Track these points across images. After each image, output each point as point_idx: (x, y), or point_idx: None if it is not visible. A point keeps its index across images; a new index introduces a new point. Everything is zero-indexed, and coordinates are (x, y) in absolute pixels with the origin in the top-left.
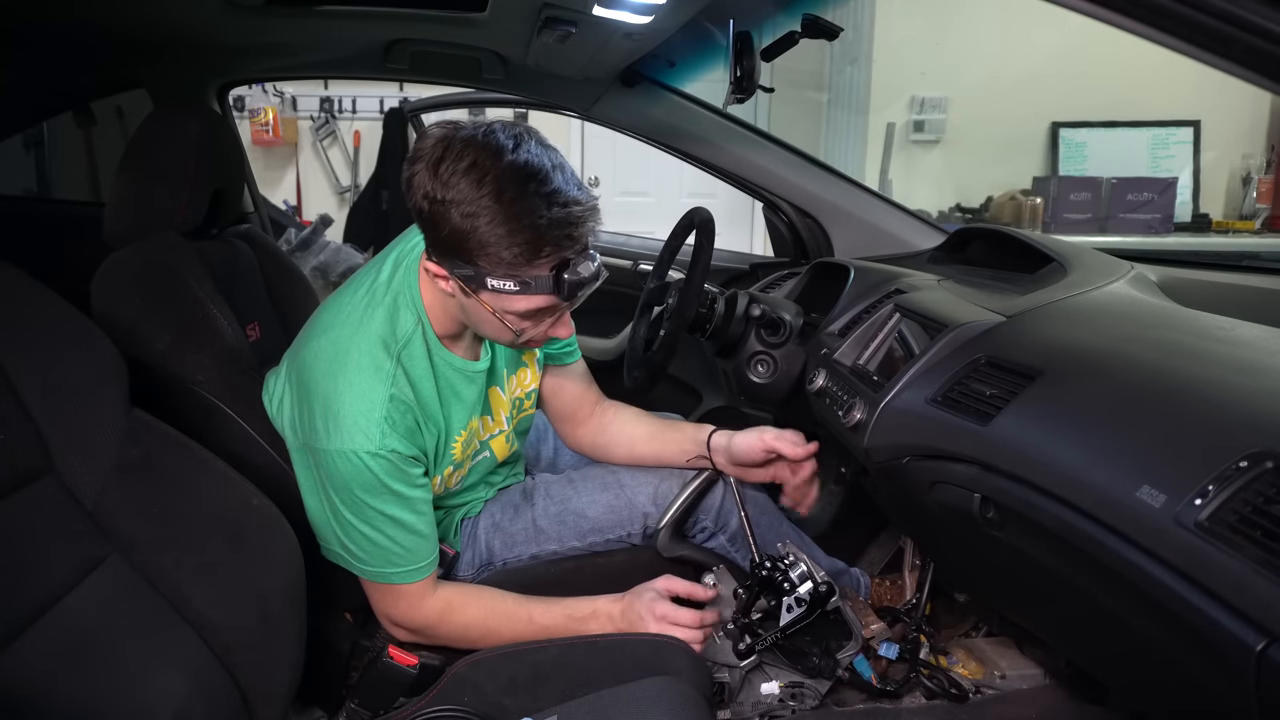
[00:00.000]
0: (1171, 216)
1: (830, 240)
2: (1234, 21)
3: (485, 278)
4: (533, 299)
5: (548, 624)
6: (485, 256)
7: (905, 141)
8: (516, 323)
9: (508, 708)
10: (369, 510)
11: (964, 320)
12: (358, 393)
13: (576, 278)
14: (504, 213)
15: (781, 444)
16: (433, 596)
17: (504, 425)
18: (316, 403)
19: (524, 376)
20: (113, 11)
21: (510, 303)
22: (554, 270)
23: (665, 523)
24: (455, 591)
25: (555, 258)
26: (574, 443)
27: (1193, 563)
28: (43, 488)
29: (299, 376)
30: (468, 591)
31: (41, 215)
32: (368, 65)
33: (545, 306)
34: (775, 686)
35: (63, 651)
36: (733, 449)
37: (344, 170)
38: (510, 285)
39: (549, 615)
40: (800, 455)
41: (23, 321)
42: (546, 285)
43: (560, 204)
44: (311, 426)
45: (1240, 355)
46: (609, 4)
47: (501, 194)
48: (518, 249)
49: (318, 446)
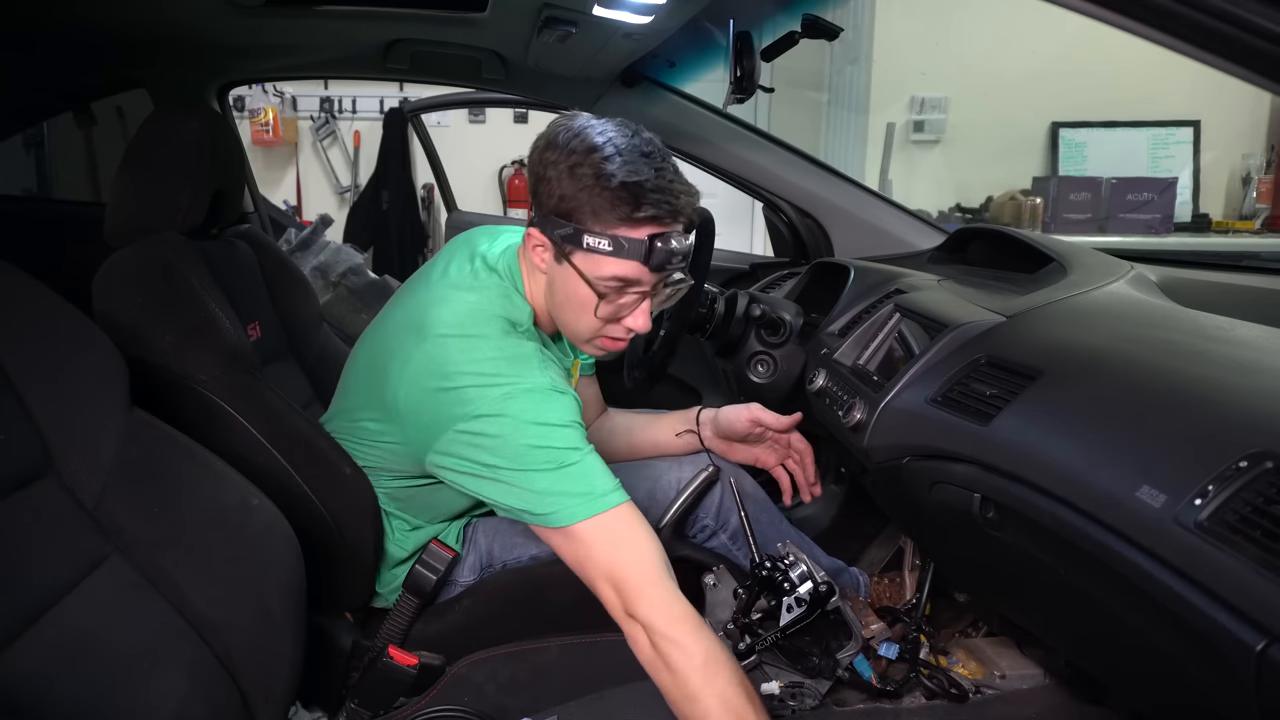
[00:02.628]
0: (1171, 216)
1: (830, 240)
2: (1234, 21)
3: (583, 235)
4: (623, 263)
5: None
6: (587, 212)
7: (905, 141)
8: (603, 288)
9: (508, 708)
10: (546, 450)
11: (964, 320)
12: (510, 349)
13: (668, 248)
14: (614, 172)
15: (767, 416)
16: (670, 584)
17: None
18: (464, 376)
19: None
20: (113, 11)
21: (601, 265)
22: (649, 238)
23: (665, 522)
24: (713, 640)
25: (652, 225)
26: None
27: (1193, 563)
28: (43, 488)
29: (426, 375)
30: (727, 658)
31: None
32: (368, 65)
33: (632, 277)
34: (775, 686)
35: (63, 651)
36: (719, 420)
37: (344, 170)
38: (605, 244)
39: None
40: (783, 425)
41: (23, 321)
42: (639, 251)
43: (666, 177)
44: (463, 399)
45: (1240, 355)
46: (609, 4)
47: (615, 157)
48: (619, 204)
49: (479, 411)
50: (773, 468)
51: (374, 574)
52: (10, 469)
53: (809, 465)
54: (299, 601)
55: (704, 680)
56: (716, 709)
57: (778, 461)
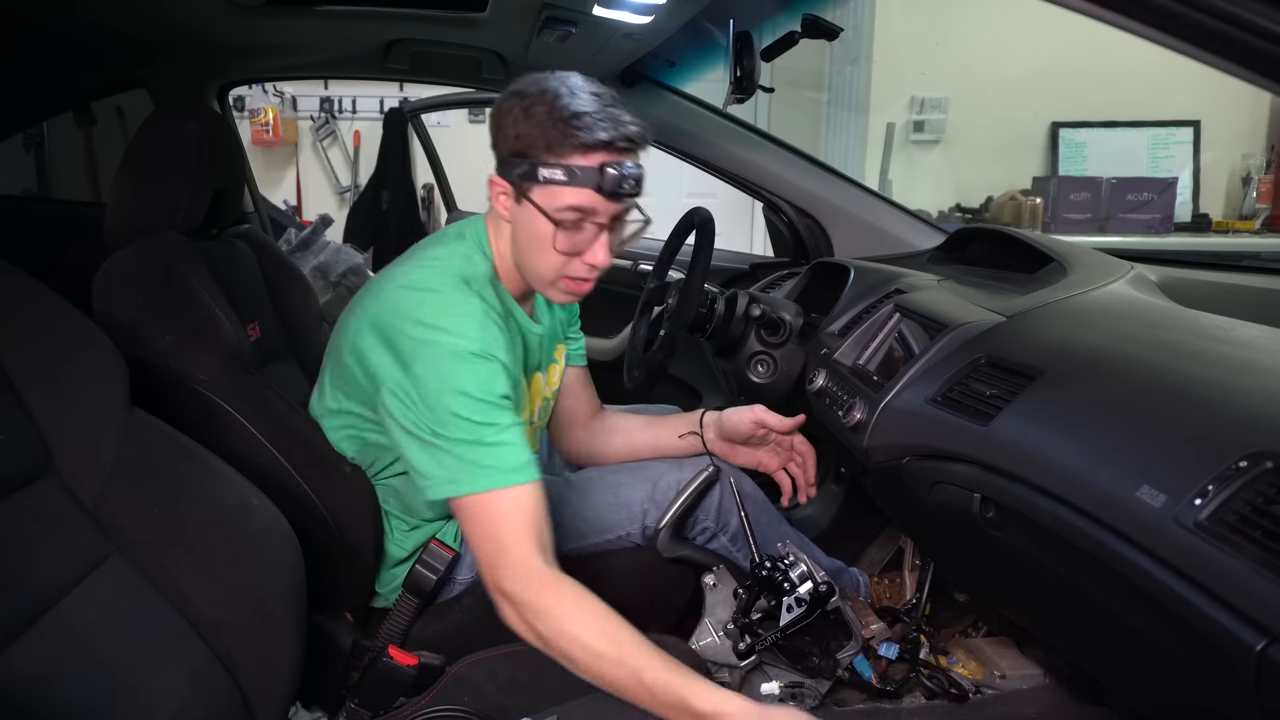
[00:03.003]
0: (1171, 216)
1: (830, 240)
2: (1234, 21)
3: (538, 169)
4: (578, 192)
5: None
6: (539, 146)
7: (905, 141)
8: (559, 217)
9: (508, 708)
10: (463, 420)
11: (964, 320)
12: (454, 304)
13: (619, 174)
14: (564, 105)
15: (770, 418)
16: (534, 558)
17: (534, 417)
18: (409, 327)
19: (553, 374)
20: (113, 11)
21: (557, 196)
22: (600, 165)
23: (665, 523)
24: (572, 585)
25: (603, 152)
26: (570, 450)
27: (1193, 563)
28: (43, 487)
29: (379, 323)
30: (587, 599)
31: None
32: (368, 65)
33: (587, 206)
34: (775, 686)
35: (63, 651)
36: (723, 422)
37: (344, 170)
38: (559, 174)
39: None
40: (787, 426)
41: (23, 321)
42: (591, 178)
43: (615, 107)
44: (402, 352)
45: (1240, 355)
46: (609, 4)
47: (566, 94)
48: (570, 133)
49: (412, 366)
50: (775, 471)
51: (374, 574)
52: (10, 469)
53: (810, 468)
54: (299, 601)
55: (568, 639)
56: (585, 659)
57: (780, 465)
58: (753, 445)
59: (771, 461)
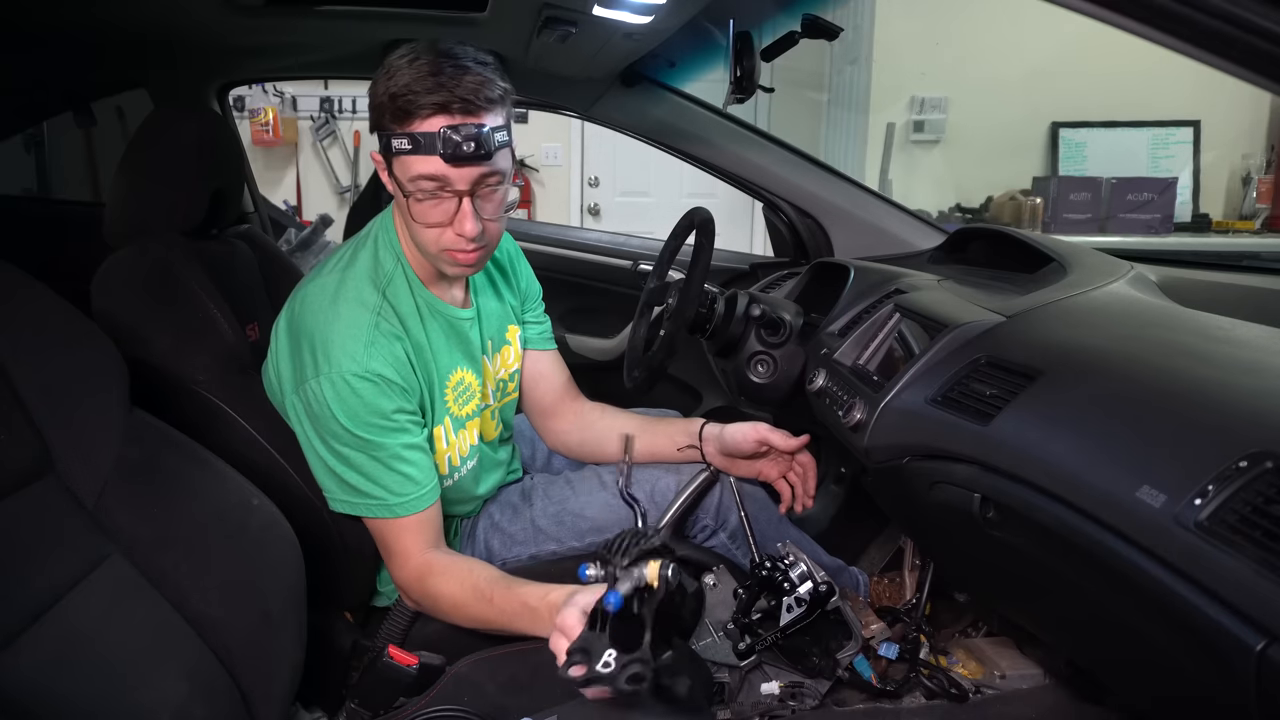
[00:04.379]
0: (1171, 216)
1: (830, 240)
2: (1234, 21)
3: (390, 139)
4: (424, 160)
5: (504, 608)
6: (388, 115)
7: (905, 141)
8: (412, 188)
9: (508, 708)
10: (356, 439)
11: (964, 320)
12: (345, 321)
13: (457, 136)
14: (410, 73)
15: (774, 436)
16: (420, 555)
17: (489, 400)
18: (306, 341)
19: (507, 355)
20: (113, 12)
21: (408, 166)
22: (441, 129)
23: (665, 522)
24: (444, 556)
25: (443, 115)
26: (557, 441)
27: (1193, 563)
28: (43, 488)
29: (291, 325)
30: (456, 561)
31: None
32: (368, 65)
33: (438, 174)
34: (775, 686)
35: (63, 651)
36: (724, 439)
37: (344, 170)
38: (405, 144)
39: (507, 599)
40: (792, 446)
41: (23, 321)
42: (433, 144)
43: (457, 67)
44: (301, 365)
45: (1240, 355)
46: (609, 4)
47: (414, 61)
48: (410, 99)
49: (307, 382)
50: (775, 480)
51: (374, 573)
52: (10, 469)
53: (810, 480)
54: (299, 601)
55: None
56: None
57: (780, 474)
58: (754, 457)
59: (772, 471)
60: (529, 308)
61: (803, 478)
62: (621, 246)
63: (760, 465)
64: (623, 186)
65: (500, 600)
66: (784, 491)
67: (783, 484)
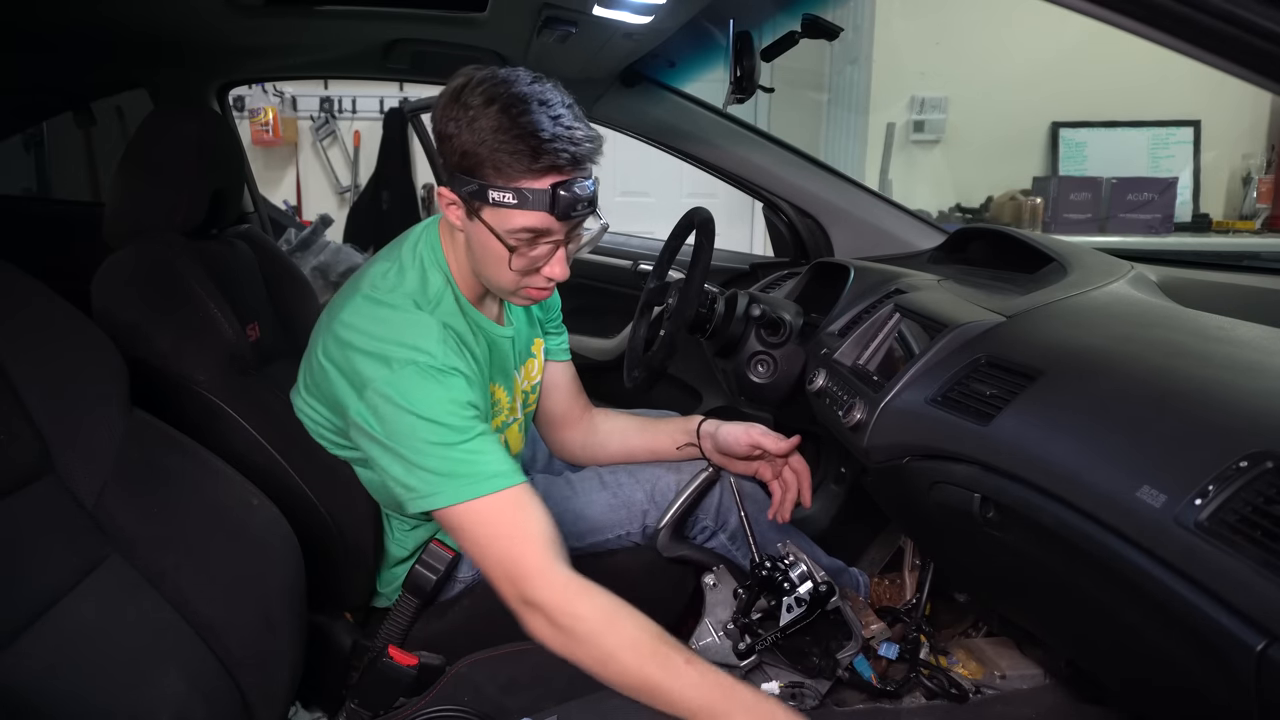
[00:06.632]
0: (1171, 216)
1: (830, 240)
2: (1234, 21)
3: (487, 191)
4: (529, 215)
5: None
6: (488, 167)
7: (905, 141)
8: (513, 241)
9: (508, 708)
10: (437, 427)
11: (964, 320)
12: (413, 327)
13: (571, 195)
14: (509, 124)
15: (767, 440)
16: (566, 569)
17: (518, 413)
18: (361, 353)
19: (532, 368)
20: (113, 12)
21: (508, 218)
22: (552, 187)
23: (665, 522)
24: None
25: (554, 174)
26: (563, 450)
27: (1193, 563)
28: (43, 488)
29: (341, 346)
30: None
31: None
32: (368, 65)
33: (541, 227)
34: (775, 686)
35: (63, 651)
36: (719, 437)
37: (344, 170)
38: (509, 198)
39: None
40: (783, 449)
41: (23, 321)
42: (543, 201)
43: (564, 125)
44: (360, 374)
45: (1240, 355)
46: (609, 4)
47: (509, 109)
48: (518, 156)
49: (373, 384)
50: (770, 481)
51: (374, 574)
52: (10, 469)
53: (805, 485)
54: (299, 601)
55: (609, 637)
56: (630, 658)
57: (775, 475)
58: (750, 458)
59: (767, 470)
60: (550, 319)
61: (794, 483)
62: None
63: (757, 464)
64: (623, 186)
65: (693, 690)
66: (775, 495)
67: (776, 485)
